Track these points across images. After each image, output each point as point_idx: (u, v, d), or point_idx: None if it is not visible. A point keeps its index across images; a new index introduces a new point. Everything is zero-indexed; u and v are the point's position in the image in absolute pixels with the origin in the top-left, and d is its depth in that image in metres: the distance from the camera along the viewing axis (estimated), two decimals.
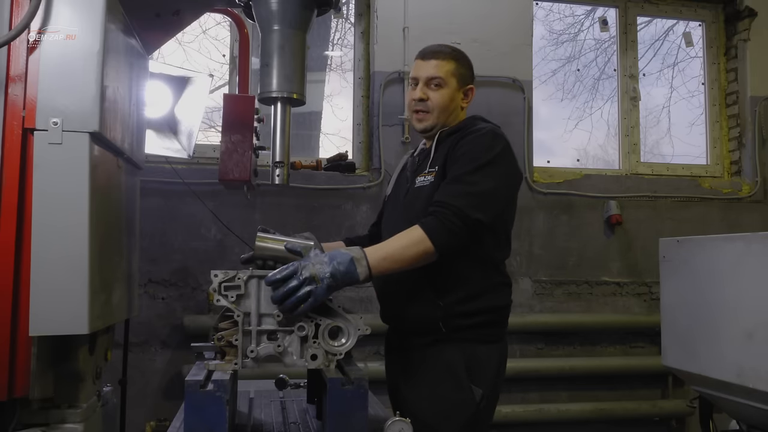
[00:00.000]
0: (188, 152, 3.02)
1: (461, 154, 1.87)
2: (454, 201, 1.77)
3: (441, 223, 1.75)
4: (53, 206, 1.64)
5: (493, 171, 1.85)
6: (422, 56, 2.05)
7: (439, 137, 2.01)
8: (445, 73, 2.00)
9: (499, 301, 1.97)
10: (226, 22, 3.94)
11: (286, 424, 1.86)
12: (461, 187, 1.81)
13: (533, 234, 4.05)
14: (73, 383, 1.84)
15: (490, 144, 1.89)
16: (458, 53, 2.06)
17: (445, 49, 2.05)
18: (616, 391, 4.05)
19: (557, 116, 4.54)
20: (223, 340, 1.62)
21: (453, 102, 2.02)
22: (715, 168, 4.51)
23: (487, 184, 1.82)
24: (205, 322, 3.49)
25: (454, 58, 2.03)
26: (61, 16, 1.70)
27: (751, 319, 2.28)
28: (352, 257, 1.65)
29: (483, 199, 1.80)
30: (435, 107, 2.00)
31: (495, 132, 1.95)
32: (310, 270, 1.60)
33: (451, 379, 1.85)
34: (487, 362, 1.90)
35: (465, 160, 1.85)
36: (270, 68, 1.92)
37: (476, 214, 1.77)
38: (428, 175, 1.95)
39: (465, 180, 1.82)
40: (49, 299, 1.62)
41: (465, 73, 2.05)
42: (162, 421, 3.48)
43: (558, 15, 4.57)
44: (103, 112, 1.71)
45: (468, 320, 1.88)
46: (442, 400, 1.83)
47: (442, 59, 2.01)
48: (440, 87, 2.00)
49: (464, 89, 2.06)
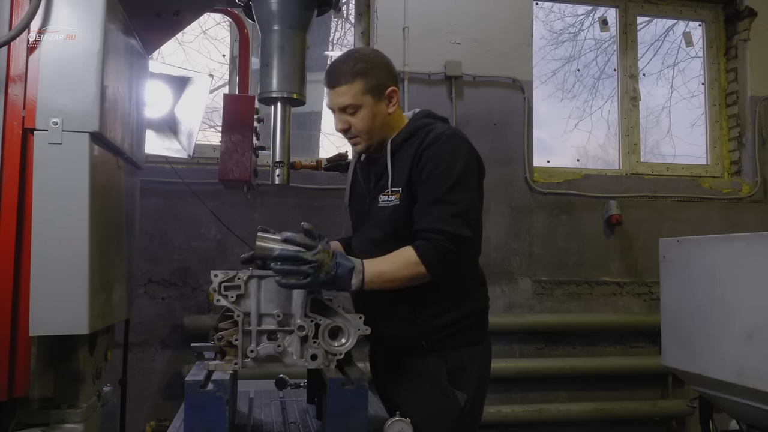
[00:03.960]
0: (188, 152, 3.02)
1: (429, 170, 1.80)
2: (445, 227, 1.75)
3: (436, 250, 1.74)
4: (53, 206, 1.64)
5: (466, 183, 1.81)
6: (327, 84, 1.88)
7: (392, 147, 1.91)
8: (355, 96, 1.84)
9: (477, 304, 1.96)
10: (226, 22, 3.94)
11: (286, 424, 1.86)
12: (444, 209, 1.77)
13: (533, 234, 4.05)
14: (73, 383, 1.84)
15: (456, 154, 1.81)
16: (362, 66, 1.85)
17: (346, 67, 1.85)
18: (616, 391, 4.05)
19: (557, 116, 4.55)
20: (223, 340, 1.62)
21: (377, 117, 1.88)
22: (715, 168, 4.51)
23: (466, 199, 1.79)
24: (205, 322, 3.49)
25: (359, 74, 1.83)
26: (61, 16, 1.70)
27: (751, 319, 2.28)
28: (353, 267, 1.69)
29: (466, 216, 1.78)
30: (361, 131, 1.89)
31: (454, 136, 1.86)
32: (323, 257, 1.64)
33: (435, 387, 1.86)
34: (470, 365, 1.90)
35: (436, 178, 1.78)
36: (270, 68, 1.92)
37: (465, 233, 1.77)
38: (392, 195, 1.86)
39: (446, 200, 1.77)
40: (49, 299, 1.62)
41: (377, 83, 1.86)
42: (162, 421, 3.48)
43: (558, 15, 4.58)
44: (103, 112, 1.72)
45: (447, 331, 1.88)
46: (427, 407, 1.82)
47: (347, 83, 1.83)
48: (357, 110, 1.86)
49: (385, 96, 1.88)
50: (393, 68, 1.94)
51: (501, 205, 4.01)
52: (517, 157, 4.03)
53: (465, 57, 3.96)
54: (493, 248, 3.96)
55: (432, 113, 2.00)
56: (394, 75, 1.93)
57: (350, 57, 1.89)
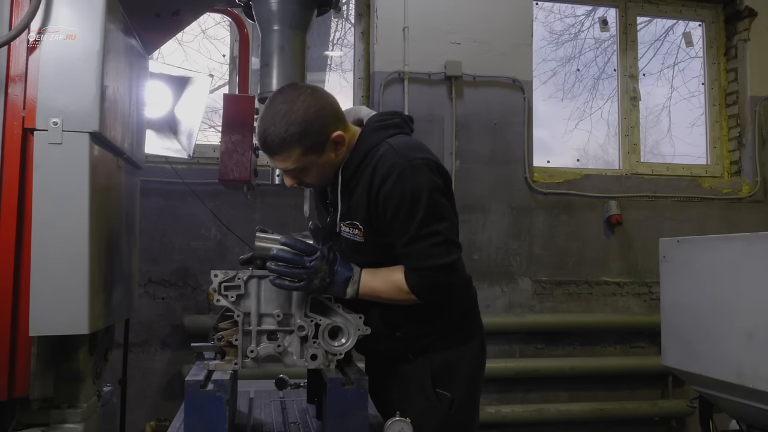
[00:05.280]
0: (188, 152, 3.02)
1: (393, 208, 1.68)
2: (432, 261, 1.70)
3: (428, 284, 1.72)
4: (53, 206, 1.64)
5: (436, 209, 1.71)
6: (265, 152, 1.73)
7: (343, 178, 1.78)
8: (296, 161, 1.69)
9: (461, 309, 1.92)
10: (226, 22, 3.94)
11: (286, 424, 1.86)
12: (423, 243, 1.69)
13: (533, 234, 4.05)
14: (73, 383, 1.84)
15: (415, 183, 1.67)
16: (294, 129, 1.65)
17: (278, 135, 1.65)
18: (616, 391, 4.05)
19: (557, 116, 4.55)
20: (223, 340, 1.62)
21: (326, 167, 1.75)
22: (715, 168, 4.51)
23: (442, 225, 1.71)
24: (205, 322, 3.49)
25: (294, 141, 1.66)
26: (61, 16, 1.70)
27: (751, 319, 2.27)
28: (350, 277, 1.71)
29: (448, 240, 1.72)
30: (314, 183, 1.80)
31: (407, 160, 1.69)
32: (320, 264, 1.65)
33: (417, 390, 1.84)
34: (458, 365, 1.87)
35: (403, 215, 1.68)
36: (270, 68, 1.93)
37: (454, 256, 1.73)
38: (353, 229, 1.78)
39: (423, 235, 1.69)
40: (49, 299, 1.62)
41: (315, 142, 1.68)
42: (162, 421, 3.48)
43: (558, 15, 4.58)
44: (103, 112, 1.72)
45: (431, 337, 1.86)
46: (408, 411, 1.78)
47: (284, 152, 1.68)
48: (303, 171, 1.73)
49: (329, 143, 1.71)
50: (329, 110, 1.71)
51: (501, 205, 4.01)
52: (517, 157, 4.03)
53: (465, 57, 3.96)
54: (493, 248, 3.97)
55: (382, 119, 1.81)
56: (337, 116, 1.73)
57: (281, 121, 1.66)
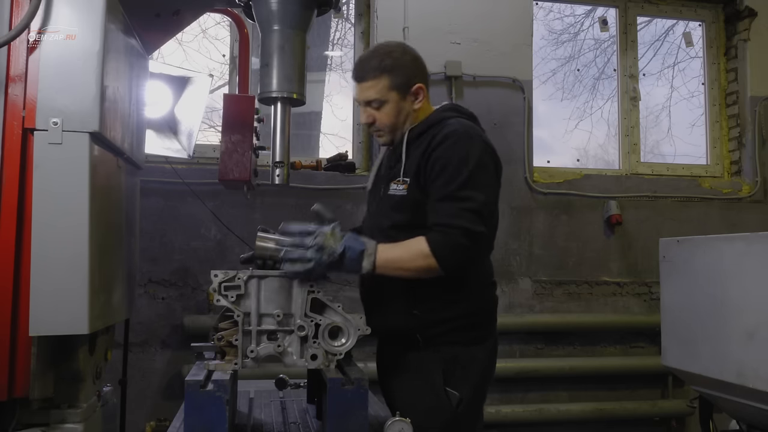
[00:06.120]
0: (188, 152, 3.02)
1: (440, 167, 1.80)
2: (457, 221, 1.74)
3: (448, 243, 1.74)
4: (53, 206, 1.64)
5: (479, 181, 1.80)
6: (355, 78, 1.94)
7: (408, 138, 1.92)
8: (380, 92, 1.88)
9: (480, 303, 1.94)
10: (226, 22, 3.94)
11: (286, 424, 1.86)
12: (456, 204, 1.76)
13: (533, 234, 4.05)
14: (73, 383, 1.84)
15: (468, 151, 1.81)
16: (389, 62, 1.89)
17: (373, 62, 1.90)
18: (616, 391, 4.05)
19: (557, 116, 4.54)
20: (223, 340, 1.62)
21: (401, 113, 1.92)
22: (715, 168, 4.51)
23: (479, 196, 1.78)
24: (205, 322, 3.49)
25: (385, 70, 1.88)
26: (61, 16, 1.70)
27: (751, 319, 2.28)
28: (363, 250, 1.71)
29: (481, 212, 1.77)
30: (385, 126, 1.93)
31: (468, 134, 1.85)
32: (324, 239, 1.67)
33: (426, 385, 1.84)
34: (469, 364, 1.87)
35: (447, 174, 1.78)
36: (270, 68, 1.92)
37: (479, 228, 1.75)
38: (401, 185, 1.88)
39: (457, 196, 1.76)
40: (49, 299, 1.62)
41: (403, 80, 1.90)
42: (162, 421, 3.48)
43: (558, 15, 4.58)
44: (103, 112, 1.72)
45: (446, 326, 1.86)
46: (417, 407, 1.80)
47: (373, 78, 1.88)
48: (382, 105, 1.90)
49: (411, 92, 1.92)
50: (421, 64, 1.97)
51: (501, 205, 3.89)
52: (517, 157, 4.03)
53: (465, 57, 3.96)
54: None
55: (457, 107, 2.01)
56: (422, 71, 1.97)
57: (378, 52, 1.93)
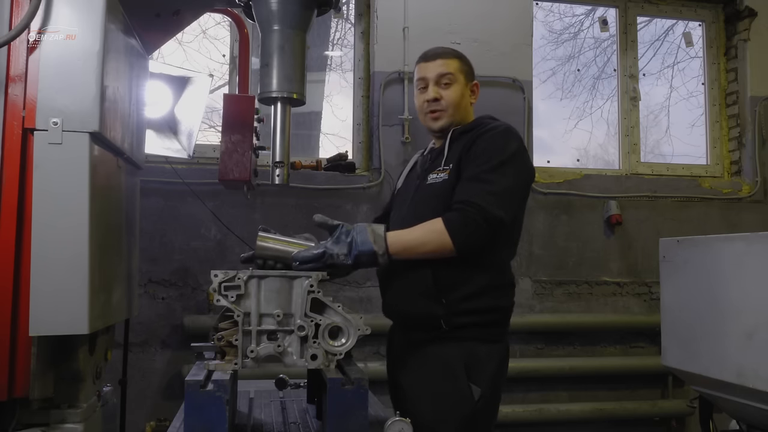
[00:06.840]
0: (188, 152, 3.02)
1: (478, 152, 1.89)
2: (476, 199, 1.78)
3: (463, 220, 1.77)
4: (53, 206, 1.64)
5: (509, 169, 1.86)
6: (425, 58, 2.09)
7: (452, 135, 2.02)
8: (454, 69, 2.04)
9: (502, 301, 1.97)
10: (226, 22, 3.94)
11: (286, 424, 1.86)
12: (480, 185, 1.82)
13: (533, 234, 4.05)
14: (73, 383, 1.84)
15: (506, 142, 1.91)
16: (459, 52, 2.11)
17: (446, 49, 2.12)
18: (616, 391, 4.05)
19: (557, 116, 4.54)
20: (223, 340, 1.62)
21: (464, 98, 2.06)
22: (715, 168, 4.51)
23: (505, 182, 1.83)
24: (205, 322, 3.49)
25: (456, 56, 2.08)
26: (61, 16, 1.70)
27: (751, 319, 2.27)
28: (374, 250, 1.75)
29: (502, 198, 1.81)
30: (449, 104, 2.02)
31: (509, 130, 1.97)
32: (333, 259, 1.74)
33: (450, 377, 1.85)
34: (486, 361, 1.89)
35: (482, 159, 1.87)
36: (270, 68, 1.92)
37: (498, 212, 1.78)
38: (441, 173, 1.95)
39: (482, 178, 1.83)
40: (49, 299, 1.62)
41: (469, 70, 2.10)
42: (162, 421, 3.48)
43: (558, 15, 4.58)
44: (103, 112, 1.71)
45: (470, 318, 1.88)
46: (439, 398, 1.82)
47: (447, 58, 2.05)
48: (450, 84, 2.03)
49: (471, 86, 2.09)
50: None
51: None
52: None
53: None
54: None
55: (494, 117, 2.11)
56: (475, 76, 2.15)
57: (447, 47, 2.16)
